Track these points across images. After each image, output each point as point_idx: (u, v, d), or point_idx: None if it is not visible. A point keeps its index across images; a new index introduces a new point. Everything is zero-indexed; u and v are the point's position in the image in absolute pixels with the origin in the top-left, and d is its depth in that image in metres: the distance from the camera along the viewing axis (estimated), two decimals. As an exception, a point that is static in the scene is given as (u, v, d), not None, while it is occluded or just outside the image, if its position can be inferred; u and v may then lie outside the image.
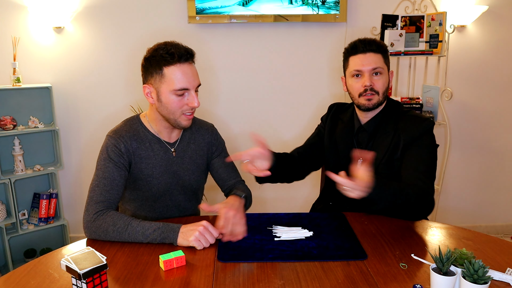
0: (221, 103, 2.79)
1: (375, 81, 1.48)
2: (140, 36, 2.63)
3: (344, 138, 1.60)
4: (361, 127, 1.57)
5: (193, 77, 1.35)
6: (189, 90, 1.34)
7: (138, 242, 1.25)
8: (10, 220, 2.44)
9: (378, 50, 1.49)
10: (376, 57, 1.49)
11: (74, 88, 2.68)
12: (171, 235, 1.22)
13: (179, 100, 1.34)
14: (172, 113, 1.37)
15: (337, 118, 1.67)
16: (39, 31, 2.57)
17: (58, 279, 1.06)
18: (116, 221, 1.26)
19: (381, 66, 1.49)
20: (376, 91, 1.48)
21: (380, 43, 1.52)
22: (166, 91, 1.33)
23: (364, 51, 1.49)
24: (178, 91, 1.32)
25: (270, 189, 2.88)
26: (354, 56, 1.51)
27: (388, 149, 1.49)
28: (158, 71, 1.33)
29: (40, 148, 2.66)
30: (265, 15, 2.58)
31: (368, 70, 1.48)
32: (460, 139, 2.90)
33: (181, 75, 1.32)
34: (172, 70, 1.31)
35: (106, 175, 1.35)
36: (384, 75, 1.50)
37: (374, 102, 1.49)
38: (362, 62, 1.48)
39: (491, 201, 3.00)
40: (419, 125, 1.47)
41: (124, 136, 1.40)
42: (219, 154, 1.61)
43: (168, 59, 1.31)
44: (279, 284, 1.03)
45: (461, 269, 0.94)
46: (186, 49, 1.34)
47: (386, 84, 1.51)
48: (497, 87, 2.83)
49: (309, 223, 1.39)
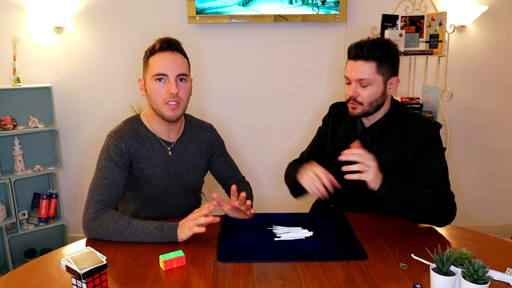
0: (221, 103, 2.79)
1: (359, 92, 1.41)
2: (140, 36, 2.63)
3: (346, 140, 1.54)
4: (365, 130, 1.52)
5: (173, 64, 1.36)
6: (168, 76, 1.36)
7: (139, 241, 1.25)
8: (10, 220, 2.44)
9: (372, 57, 1.38)
10: (365, 66, 1.38)
11: (74, 88, 2.68)
12: (172, 232, 1.22)
13: (158, 87, 1.37)
14: (155, 103, 1.38)
15: (339, 118, 1.62)
16: (39, 31, 2.57)
17: (58, 279, 1.06)
18: (117, 220, 1.26)
19: (368, 77, 1.38)
20: (360, 102, 1.42)
21: (375, 48, 1.38)
22: (149, 79, 1.39)
23: (355, 57, 1.40)
24: (157, 76, 1.36)
25: (270, 189, 2.89)
26: (348, 60, 1.45)
27: (396, 155, 1.43)
28: (146, 63, 1.41)
29: (40, 148, 2.66)
30: (265, 15, 2.58)
31: (354, 79, 1.41)
32: (460, 139, 2.90)
33: (159, 61, 1.36)
34: (153, 59, 1.38)
35: (107, 175, 1.35)
36: (373, 86, 1.40)
37: (357, 112, 1.44)
38: (350, 69, 1.42)
39: (491, 201, 3.00)
40: (429, 130, 1.41)
41: (125, 136, 1.41)
42: (220, 155, 1.62)
43: (152, 49, 1.39)
44: (279, 284, 1.03)
45: (461, 269, 0.94)
46: (168, 39, 1.39)
47: (376, 95, 1.41)
48: (497, 87, 2.83)
49: (309, 223, 1.40)
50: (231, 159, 1.68)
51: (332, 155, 1.57)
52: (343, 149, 1.53)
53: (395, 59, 1.43)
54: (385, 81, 1.42)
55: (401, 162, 1.43)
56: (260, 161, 2.88)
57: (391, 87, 1.44)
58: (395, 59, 1.44)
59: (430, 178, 1.35)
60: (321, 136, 1.66)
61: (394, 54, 1.43)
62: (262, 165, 2.88)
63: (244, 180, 1.70)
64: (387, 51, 1.40)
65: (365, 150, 1.26)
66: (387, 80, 1.42)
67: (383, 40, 1.42)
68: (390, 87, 1.44)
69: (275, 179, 2.88)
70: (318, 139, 1.67)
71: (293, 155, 2.86)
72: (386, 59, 1.40)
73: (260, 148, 2.86)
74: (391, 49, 1.42)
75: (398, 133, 1.45)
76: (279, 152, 2.86)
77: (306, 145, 1.74)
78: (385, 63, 1.40)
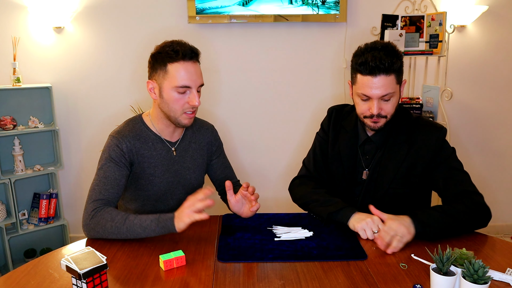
0: (221, 103, 2.79)
1: (383, 106, 1.33)
2: (140, 36, 2.63)
3: (348, 148, 1.49)
4: (368, 139, 1.45)
5: (196, 75, 1.35)
6: (191, 88, 1.35)
7: (137, 236, 1.24)
8: (10, 220, 2.44)
9: (391, 69, 1.28)
10: (387, 80, 1.28)
11: (74, 88, 2.68)
12: (169, 223, 1.21)
13: (180, 97, 1.34)
14: (173, 111, 1.37)
15: (339, 126, 1.54)
16: (39, 31, 2.57)
17: (58, 279, 1.06)
18: (114, 217, 1.25)
19: (392, 90, 1.30)
20: (384, 116, 1.35)
21: (393, 59, 1.28)
22: (168, 88, 1.34)
23: (374, 73, 1.28)
24: (180, 88, 1.33)
25: (270, 189, 2.88)
26: (362, 75, 1.31)
27: (403, 163, 1.38)
28: (163, 67, 1.34)
29: (40, 148, 2.66)
30: (265, 15, 2.58)
31: (377, 96, 1.30)
32: (460, 139, 2.89)
33: (184, 73, 1.32)
34: (175, 67, 1.32)
35: (107, 174, 1.35)
36: (395, 97, 1.33)
37: (380, 125, 1.36)
38: (370, 86, 1.29)
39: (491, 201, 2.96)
40: (437, 136, 1.37)
41: (127, 136, 1.40)
42: (218, 156, 1.62)
43: (172, 55, 1.32)
44: (279, 284, 1.03)
45: (461, 269, 0.94)
46: (191, 48, 1.35)
47: (396, 104, 1.36)
48: (497, 87, 2.83)
49: (309, 223, 1.39)
50: (228, 162, 1.68)
51: (334, 163, 1.53)
52: (345, 158, 1.49)
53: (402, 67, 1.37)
54: (399, 88, 1.37)
55: (410, 171, 1.39)
56: (260, 161, 2.88)
57: (401, 90, 1.40)
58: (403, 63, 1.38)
59: (456, 189, 1.34)
60: (322, 144, 1.58)
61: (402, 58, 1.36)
62: (262, 165, 2.88)
63: (239, 183, 1.68)
64: (401, 58, 1.33)
65: (390, 220, 1.22)
66: (400, 85, 1.38)
67: (393, 47, 1.33)
68: (401, 89, 1.39)
69: (275, 179, 2.88)
70: (320, 148, 1.58)
71: (293, 155, 2.87)
72: (400, 67, 1.33)
73: (260, 147, 2.86)
74: (400, 53, 1.34)
75: (404, 140, 1.40)
76: (279, 151, 2.86)
77: (307, 145, 1.73)
78: (401, 71, 1.34)
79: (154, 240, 1.26)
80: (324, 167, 1.56)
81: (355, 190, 1.46)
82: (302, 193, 1.51)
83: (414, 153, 1.38)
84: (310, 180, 1.55)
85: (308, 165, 1.59)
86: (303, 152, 1.68)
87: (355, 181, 1.49)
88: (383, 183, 1.42)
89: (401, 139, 1.41)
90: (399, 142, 1.41)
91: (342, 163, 1.51)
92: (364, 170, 1.48)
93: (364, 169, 1.47)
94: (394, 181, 1.40)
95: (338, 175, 1.52)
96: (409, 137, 1.40)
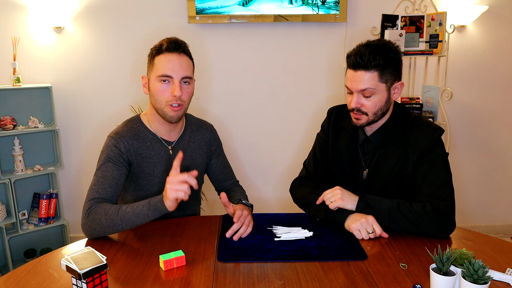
0: (220, 103, 2.79)
1: (363, 103, 1.34)
2: (140, 36, 2.63)
3: (348, 148, 1.50)
4: (367, 139, 1.46)
5: (179, 66, 1.37)
6: (173, 78, 1.36)
7: (133, 224, 1.23)
8: (10, 220, 2.44)
9: (373, 66, 1.29)
10: (367, 76, 1.30)
11: (74, 88, 2.68)
12: (159, 204, 1.20)
13: (163, 88, 1.37)
14: (159, 102, 1.38)
15: (339, 126, 1.54)
16: (39, 31, 2.57)
17: (58, 279, 1.06)
18: (107, 210, 1.25)
19: (372, 86, 1.31)
20: (364, 112, 1.36)
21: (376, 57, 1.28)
22: (153, 79, 1.39)
23: (354, 67, 1.32)
24: (161, 77, 1.36)
25: (270, 189, 2.89)
26: (348, 69, 1.35)
27: (397, 163, 1.38)
28: (151, 61, 1.40)
29: (40, 148, 2.66)
30: (265, 15, 2.58)
31: (356, 90, 1.34)
32: (460, 139, 2.90)
33: (166, 62, 1.36)
34: (159, 59, 1.37)
35: (105, 174, 1.35)
36: (377, 95, 1.33)
37: (361, 122, 1.38)
38: (351, 79, 1.34)
39: (491, 201, 3.00)
40: (430, 137, 1.35)
41: (125, 136, 1.41)
42: (217, 155, 1.62)
43: (158, 48, 1.38)
44: (279, 284, 1.03)
45: (461, 269, 0.94)
46: (176, 40, 1.39)
47: (380, 104, 1.35)
48: (497, 87, 2.83)
49: (309, 223, 1.39)
50: (227, 162, 1.68)
51: (334, 164, 1.53)
52: (345, 158, 1.51)
53: (398, 64, 1.35)
54: (388, 88, 1.35)
55: (402, 171, 1.39)
56: (260, 161, 2.88)
57: (395, 92, 1.38)
58: (398, 64, 1.35)
59: (429, 189, 1.31)
60: (322, 145, 1.58)
61: (397, 59, 1.34)
62: (262, 165, 2.88)
63: (238, 184, 1.68)
64: (389, 58, 1.31)
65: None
66: (390, 86, 1.35)
67: (384, 45, 1.33)
68: (394, 92, 1.37)
69: (275, 180, 2.88)
70: (320, 149, 1.58)
71: (293, 154, 2.87)
72: (389, 66, 1.31)
73: (260, 148, 2.86)
74: (393, 54, 1.32)
75: (399, 140, 1.40)
76: (279, 152, 2.86)
77: (306, 144, 1.73)
78: (387, 70, 1.32)
79: (154, 240, 1.26)
80: (324, 167, 1.57)
81: (355, 190, 1.45)
82: (301, 194, 1.52)
83: (407, 152, 1.38)
84: (310, 181, 1.55)
85: (308, 166, 1.60)
86: (303, 152, 1.68)
87: (356, 181, 1.49)
88: (378, 183, 1.43)
89: (397, 139, 1.41)
90: (395, 142, 1.41)
91: (342, 163, 1.51)
92: (364, 170, 1.48)
93: (365, 169, 1.48)
94: (388, 181, 1.41)
95: (339, 175, 1.52)
96: (404, 137, 1.40)
